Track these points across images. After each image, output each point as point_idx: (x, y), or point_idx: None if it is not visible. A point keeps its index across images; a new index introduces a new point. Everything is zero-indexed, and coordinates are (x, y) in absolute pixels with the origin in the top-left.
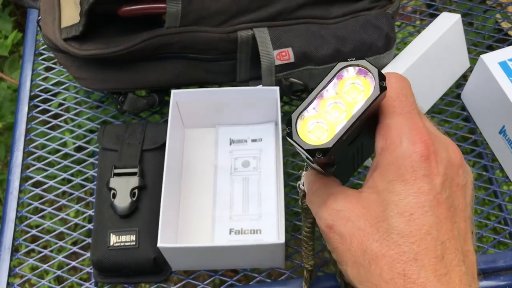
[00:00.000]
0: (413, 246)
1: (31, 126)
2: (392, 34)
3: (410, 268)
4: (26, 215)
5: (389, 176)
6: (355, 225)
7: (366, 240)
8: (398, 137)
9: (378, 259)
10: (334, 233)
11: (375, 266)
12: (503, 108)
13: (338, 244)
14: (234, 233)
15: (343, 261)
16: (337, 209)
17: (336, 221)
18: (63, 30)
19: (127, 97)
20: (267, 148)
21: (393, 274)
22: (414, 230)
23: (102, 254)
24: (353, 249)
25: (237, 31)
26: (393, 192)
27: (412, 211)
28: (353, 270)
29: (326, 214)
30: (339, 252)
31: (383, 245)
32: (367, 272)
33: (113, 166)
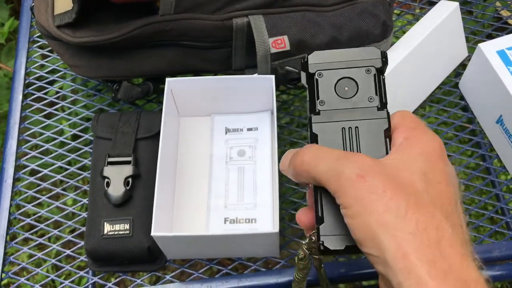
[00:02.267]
0: (446, 207)
1: (26, 114)
2: (389, 22)
3: (444, 225)
4: (21, 203)
5: (416, 152)
6: (389, 178)
7: (404, 184)
8: (421, 132)
9: (418, 202)
10: (365, 182)
11: (412, 211)
12: (501, 97)
13: (369, 195)
14: (229, 222)
15: (371, 211)
16: (366, 162)
17: (369, 171)
18: (56, 17)
19: (122, 85)
20: (262, 137)
21: (427, 225)
22: (440, 194)
23: (96, 243)
24: (387, 195)
25: (232, 18)
26: (421, 163)
27: (439, 180)
28: (384, 216)
29: (354, 164)
30: (368, 203)
31: (417, 203)
32: (402, 217)
33: (107, 154)
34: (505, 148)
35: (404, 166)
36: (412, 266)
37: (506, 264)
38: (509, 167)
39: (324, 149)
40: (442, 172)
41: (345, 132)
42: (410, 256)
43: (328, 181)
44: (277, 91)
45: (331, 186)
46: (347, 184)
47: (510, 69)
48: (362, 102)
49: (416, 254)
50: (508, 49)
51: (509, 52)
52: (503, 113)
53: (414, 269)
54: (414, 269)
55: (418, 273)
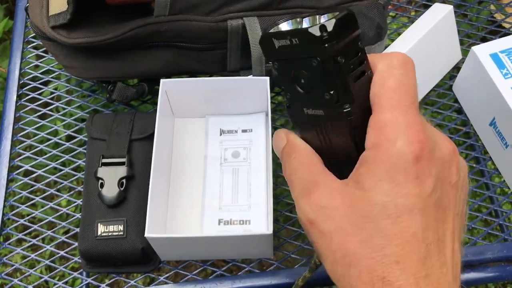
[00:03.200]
0: (396, 249)
1: (20, 114)
2: (383, 25)
3: (390, 271)
4: (15, 204)
5: (378, 175)
6: (338, 224)
7: (348, 241)
8: (393, 134)
9: (358, 260)
10: (315, 228)
11: (355, 267)
12: (494, 100)
13: (318, 240)
14: (223, 224)
15: (322, 256)
16: (320, 205)
17: (318, 217)
18: (51, 18)
19: (116, 86)
20: (257, 138)
21: (372, 276)
22: (399, 233)
23: (90, 244)
24: (333, 247)
25: (227, 20)
26: (382, 193)
27: (400, 213)
28: (332, 267)
29: (308, 207)
30: (318, 247)
31: (365, 247)
32: (346, 272)
33: (101, 155)
34: (498, 150)
35: (362, 201)
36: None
37: (498, 266)
38: (502, 169)
39: (289, 163)
40: (409, 198)
41: (315, 129)
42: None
43: (296, 194)
44: (272, 92)
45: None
46: (305, 229)
47: (503, 72)
48: (320, 98)
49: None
50: (502, 52)
51: (502, 55)
52: (496, 115)
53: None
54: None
55: None
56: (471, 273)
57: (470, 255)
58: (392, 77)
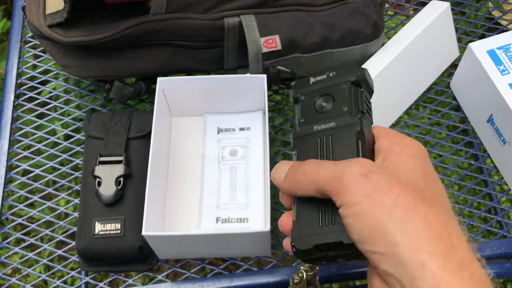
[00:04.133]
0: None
1: (18, 114)
2: (380, 22)
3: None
4: (13, 203)
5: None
6: (392, 173)
7: (407, 189)
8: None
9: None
10: (369, 181)
11: (414, 214)
12: (491, 96)
13: (371, 192)
14: (221, 222)
15: (372, 210)
16: (372, 164)
17: (376, 170)
18: (48, 17)
19: (113, 85)
20: (255, 137)
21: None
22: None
23: (87, 243)
24: (394, 194)
25: (224, 18)
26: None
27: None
28: (387, 219)
29: (360, 165)
30: (368, 201)
31: (430, 198)
32: (409, 219)
33: (98, 154)
34: (496, 147)
35: (403, 167)
36: (426, 260)
37: (497, 262)
38: (499, 166)
39: (323, 161)
40: (435, 174)
41: (320, 141)
42: (423, 251)
43: (330, 185)
44: (270, 91)
45: (332, 188)
46: (351, 183)
47: (500, 68)
48: (337, 112)
49: (429, 248)
50: (498, 48)
51: (499, 51)
52: (493, 112)
53: (428, 264)
54: (428, 264)
55: (432, 267)
56: None
57: None
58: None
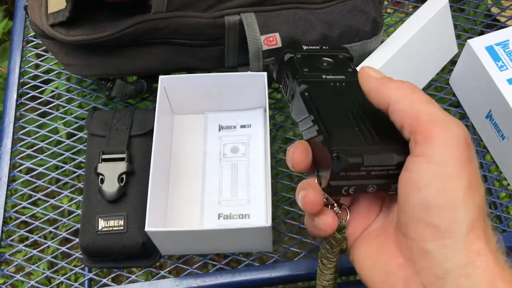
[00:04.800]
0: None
1: (21, 113)
2: (379, 19)
3: None
4: (17, 201)
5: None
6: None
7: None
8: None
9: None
10: (447, 133)
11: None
12: (490, 92)
13: (451, 147)
14: (222, 218)
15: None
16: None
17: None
18: (50, 16)
19: (115, 83)
20: (256, 134)
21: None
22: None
23: (91, 239)
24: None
25: (224, 16)
26: None
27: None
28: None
29: (462, 127)
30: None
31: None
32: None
33: (101, 151)
34: (495, 142)
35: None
36: (480, 249)
37: None
38: (499, 161)
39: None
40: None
41: (335, 86)
42: (480, 241)
43: (432, 122)
44: (271, 89)
45: (434, 131)
46: (452, 140)
47: (499, 64)
48: (343, 71)
49: (485, 238)
50: (497, 44)
51: (498, 47)
52: (492, 108)
53: (482, 255)
54: (482, 255)
55: (484, 259)
56: None
57: None
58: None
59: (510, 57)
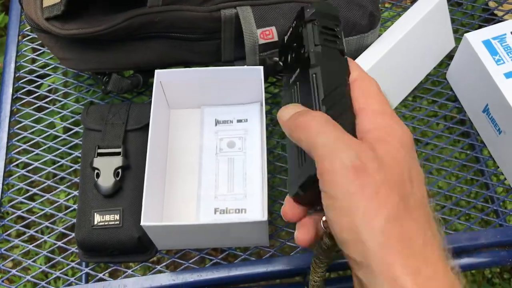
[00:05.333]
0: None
1: (17, 107)
2: (376, 13)
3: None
4: (13, 196)
5: (392, 143)
6: (388, 173)
7: (398, 187)
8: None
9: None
10: (361, 177)
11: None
12: (487, 86)
13: (359, 190)
14: (219, 213)
15: (358, 209)
16: (370, 156)
17: (371, 164)
18: (45, 10)
19: (111, 78)
20: (252, 128)
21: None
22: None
23: (86, 234)
24: (381, 195)
25: (221, 9)
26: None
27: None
28: (374, 220)
29: (355, 155)
30: (356, 197)
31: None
32: (400, 217)
33: (96, 146)
34: (492, 137)
35: (392, 162)
36: (398, 276)
37: (492, 251)
38: (495, 156)
39: (332, 123)
40: (420, 170)
41: (293, 92)
42: (396, 266)
43: (322, 157)
44: (267, 83)
45: (323, 165)
46: (339, 172)
47: (496, 58)
48: (299, 58)
49: (402, 263)
50: (494, 39)
51: (495, 41)
52: (489, 102)
53: (400, 279)
54: (400, 279)
55: (403, 283)
56: (465, 258)
57: (464, 241)
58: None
59: (507, 51)
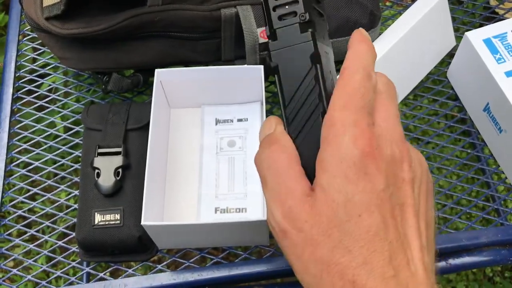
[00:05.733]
0: (363, 250)
1: (17, 107)
2: (376, 12)
3: (360, 273)
4: (13, 196)
5: (331, 171)
6: (308, 236)
7: (319, 250)
8: (341, 131)
9: (330, 267)
10: (286, 239)
11: (327, 274)
12: (487, 85)
13: (289, 250)
14: (219, 212)
15: (293, 266)
16: (292, 217)
17: (290, 229)
18: (45, 9)
19: (111, 77)
20: (252, 127)
21: (344, 281)
22: (363, 233)
23: (87, 233)
24: (304, 258)
25: (221, 9)
26: (339, 191)
27: (359, 212)
28: (304, 277)
29: (281, 217)
30: (290, 257)
31: (335, 253)
32: (319, 281)
33: (97, 145)
34: (492, 135)
35: (326, 205)
36: None
37: (493, 249)
38: (496, 154)
39: (285, 163)
40: (364, 195)
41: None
42: None
43: (268, 194)
44: (267, 82)
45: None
46: (276, 237)
47: (496, 57)
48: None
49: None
50: (495, 37)
51: (495, 40)
52: (489, 101)
53: None
54: None
55: None
56: (466, 257)
57: (465, 240)
58: (349, 83)
59: (508, 50)
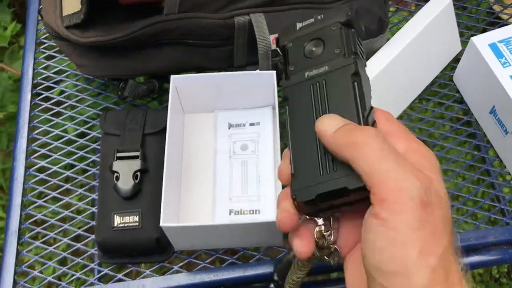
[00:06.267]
0: None
1: (34, 113)
2: (385, 18)
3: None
4: (32, 199)
5: None
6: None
7: None
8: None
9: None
10: (423, 213)
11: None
12: (493, 88)
13: (419, 225)
14: (233, 214)
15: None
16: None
17: (432, 203)
18: (65, 18)
19: (128, 84)
20: (264, 131)
21: None
22: None
23: (107, 235)
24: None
25: (234, 16)
26: None
27: None
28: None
29: (426, 183)
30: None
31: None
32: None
33: (115, 150)
34: (499, 137)
35: (445, 196)
36: None
37: (501, 249)
38: (502, 156)
39: (387, 145)
40: (445, 195)
41: (313, 88)
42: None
43: (383, 184)
44: (279, 87)
45: (386, 193)
46: (406, 204)
47: (502, 61)
48: (329, 56)
49: None
50: (500, 42)
51: (501, 44)
52: (495, 104)
53: None
54: None
55: None
56: (474, 256)
57: (473, 239)
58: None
59: None
